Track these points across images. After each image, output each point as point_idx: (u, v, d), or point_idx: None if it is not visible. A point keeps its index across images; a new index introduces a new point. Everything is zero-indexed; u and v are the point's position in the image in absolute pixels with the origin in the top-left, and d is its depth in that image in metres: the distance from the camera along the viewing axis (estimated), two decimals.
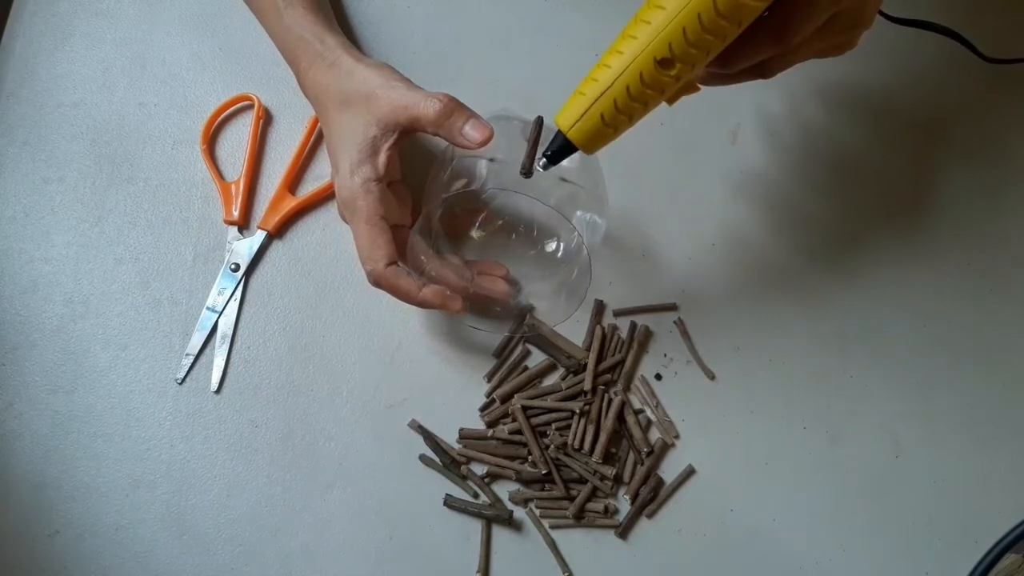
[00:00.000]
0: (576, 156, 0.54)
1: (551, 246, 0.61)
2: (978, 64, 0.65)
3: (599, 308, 0.61)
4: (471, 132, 0.53)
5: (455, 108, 0.54)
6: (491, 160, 0.56)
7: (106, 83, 0.67)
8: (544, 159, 0.51)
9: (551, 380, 0.60)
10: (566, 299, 0.58)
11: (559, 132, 0.49)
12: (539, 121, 0.54)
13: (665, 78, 0.46)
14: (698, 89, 0.49)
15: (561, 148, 0.49)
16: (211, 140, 0.65)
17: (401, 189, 0.59)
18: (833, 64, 0.66)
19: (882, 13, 0.62)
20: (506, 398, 0.59)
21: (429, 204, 0.58)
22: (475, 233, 0.62)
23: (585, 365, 0.60)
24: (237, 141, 0.66)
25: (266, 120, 0.66)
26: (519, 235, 0.62)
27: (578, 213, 0.56)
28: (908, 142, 0.66)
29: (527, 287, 0.61)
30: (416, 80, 0.67)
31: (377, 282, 0.55)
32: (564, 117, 0.48)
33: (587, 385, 0.59)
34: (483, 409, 0.60)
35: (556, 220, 0.60)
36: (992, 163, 0.65)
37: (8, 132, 0.65)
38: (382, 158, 0.54)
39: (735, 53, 0.46)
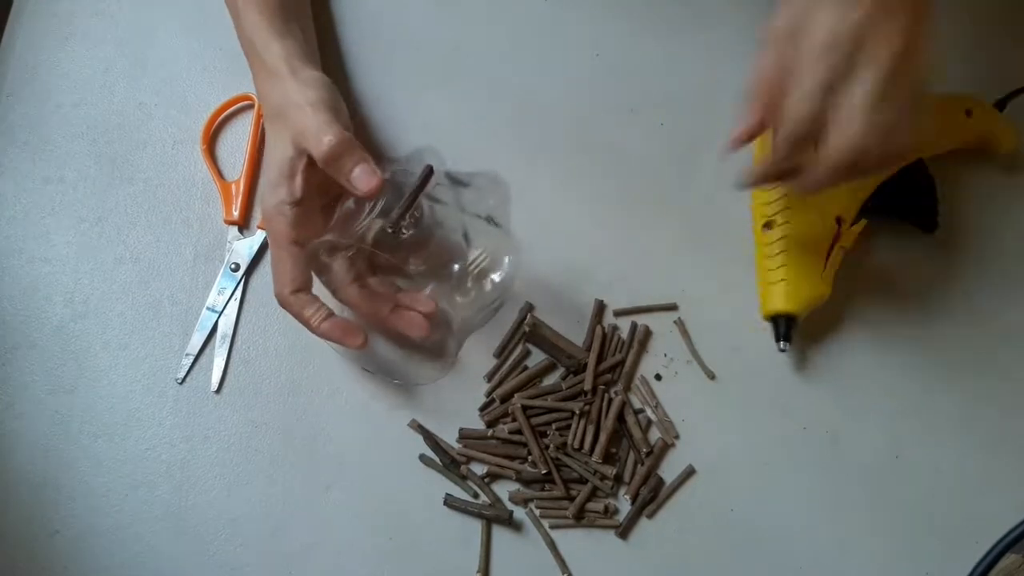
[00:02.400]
0: (497, 200, 0.56)
1: (487, 284, 0.60)
2: None
3: (599, 308, 0.61)
4: (358, 179, 0.51)
5: (343, 151, 0.51)
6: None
7: (106, 83, 0.67)
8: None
9: (551, 379, 0.60)
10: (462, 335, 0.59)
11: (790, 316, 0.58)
12: (428, 170, 0.52)
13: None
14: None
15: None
16: (211, 140, 0.65)
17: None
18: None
19: None
20: (506, 398, 0.59)
21: (336, 229, 0.56)
22: (412, 267, 0.60)
23: (585, 365, 0.60)
24: (237, 141, 0.66)
25: None
26: (454, 270, 0.60)
27: (506, 259, 0.56)
28: None
29: (457, 316, 0.60)
30: (415, 80, 0.68)
31: (282, 305, 0.54)
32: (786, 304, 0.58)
33: (587, 385, 0.59)
34: (482, 409, 0.60)
35: (483, 258, 0.58)
36: (991, 162, 0.65)
37: (8, 132, 0.65)
38: (298, 180, 0.52)
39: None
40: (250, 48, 0.57)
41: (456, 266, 0.59)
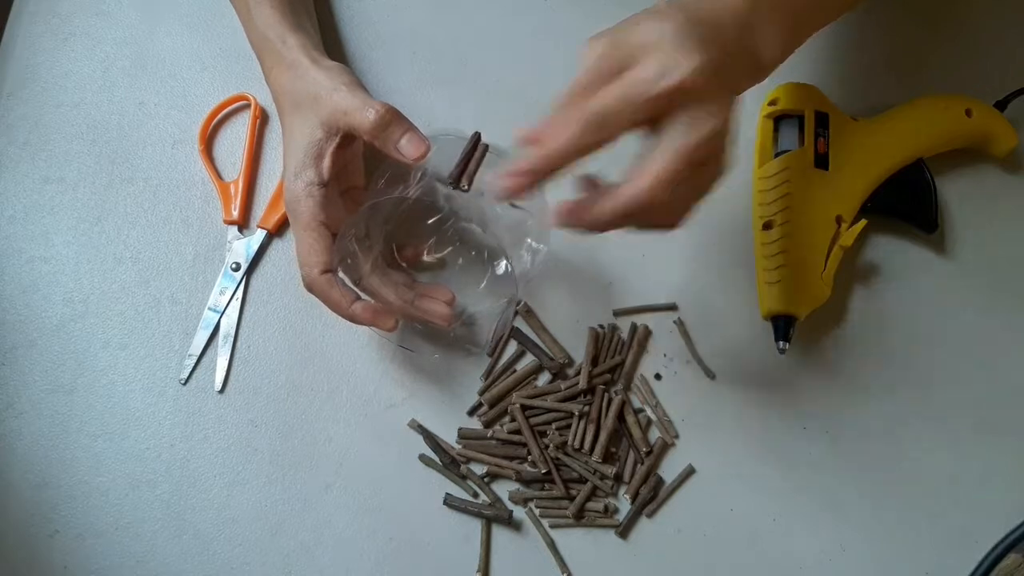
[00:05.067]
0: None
1: (500, 269, 0.60)
2: None
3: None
4: (406, 146, 0.53)
5: (391, 120, 0.53)
6: (422, 174, 0.55)
7: (106, 83, 0.67)
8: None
9: (547, 378, 0.60)
10: (500, 325, 0.59)
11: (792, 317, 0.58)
12: (476, 137, 0.53)
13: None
14: None
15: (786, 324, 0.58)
16: (209, 140, 0.65)
17: (361, 196, 0.58)
18: (830, 65, 0.67)
19: None
20: (495, 401, 0.59)
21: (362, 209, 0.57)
22: (427, 258, 0.61)
23: (564, 366, 0.60)
24: (235, 141, 0.66)
25: (263, 119, 0.66)
26: (470, 259, 0.61)
27: (528, 240, 0.57)
28: None
29: (476, 307, 0.61)
30: (416, 80, 0.67)
31: (310, 288, 0.54)
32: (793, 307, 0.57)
33: (582, 384, 0.58)
34: (471, 413, 0.60)
35: (505, 245, 0.59)
36: (991, 162, 0.65)
37: (8, 132, 0.65)
38: (326, 162, 0.54)
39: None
40: (264, 43, 0.58)
41: (473, 253, 0.59)
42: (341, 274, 0.55)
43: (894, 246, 0.63)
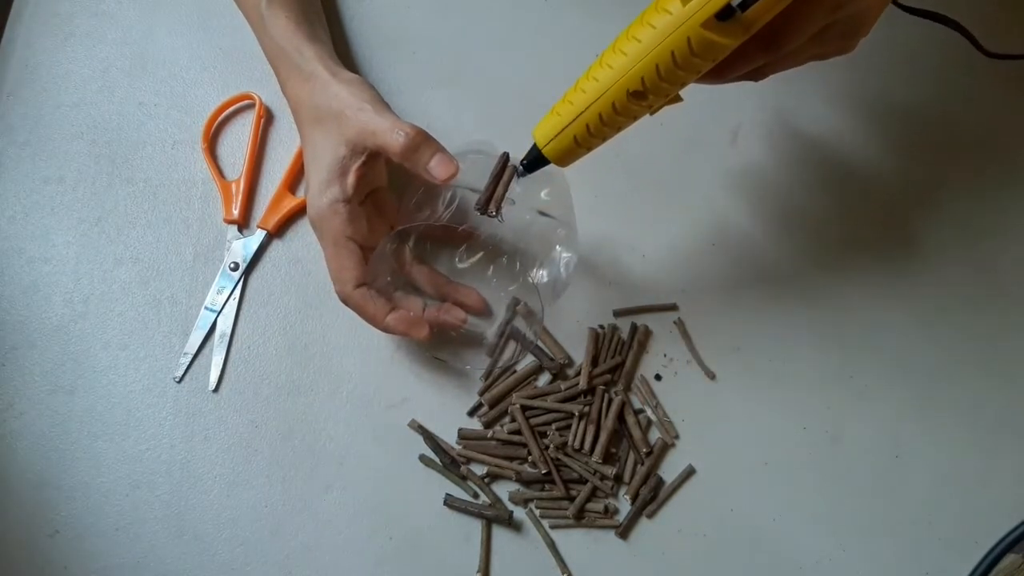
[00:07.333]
0: (550, 191, 0.56)
1: (533, 276, 0.61)
2: (980, 60, 0.64)
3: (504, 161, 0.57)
4: (436, 168, 0.53)
5: (421, 142, 0.53)
6: (452, 192, 0.56)
7: (106, 83, 0.67)
8: (521, 167, 0.51)
9: (547, 378, 0.60)
10: (529, 332, 0.60)
11: (534, 145, 0.50)
12: (504, 157, 0.53)
13: (637, 107, 0.46)
14: (681, 100, 0.48)
15: (535, 160, 0.51)
16: (212, 139, 0.65)
17: (384, 198, 0.59)
18: (833, 63, 0.66)
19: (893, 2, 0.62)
20: (496, 401, 0.59)
21: (399, 226, 0.58)
22: (459, 262, 0.61)
23: (564, 367, 0.60)
24: (238, 140, 0.66)
25: (267, 119, 0.66)
26: (501, 267, 0.61)
27: (557, 248, 0.57)
28: (908, 142, 0.66)
29: (504, 313, 0.61)
30: (416, 80, 0.67)
31: (345, 302, 0.55)
32: (540, 133, 0.49)
33: (583, 384, 0.58)
34: (471, 413, 0.60)
35: (537, 251, 0.59)
36: (993, 162, 0.65)
37: (8, 132, 0.65)
38: (351, 179, 0.54)
39: (726, 64, 0.46)
40: (279, 54, 0.57)
41: (505, 259, 0.60)
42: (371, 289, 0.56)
43: (891, 244, 0.63)
